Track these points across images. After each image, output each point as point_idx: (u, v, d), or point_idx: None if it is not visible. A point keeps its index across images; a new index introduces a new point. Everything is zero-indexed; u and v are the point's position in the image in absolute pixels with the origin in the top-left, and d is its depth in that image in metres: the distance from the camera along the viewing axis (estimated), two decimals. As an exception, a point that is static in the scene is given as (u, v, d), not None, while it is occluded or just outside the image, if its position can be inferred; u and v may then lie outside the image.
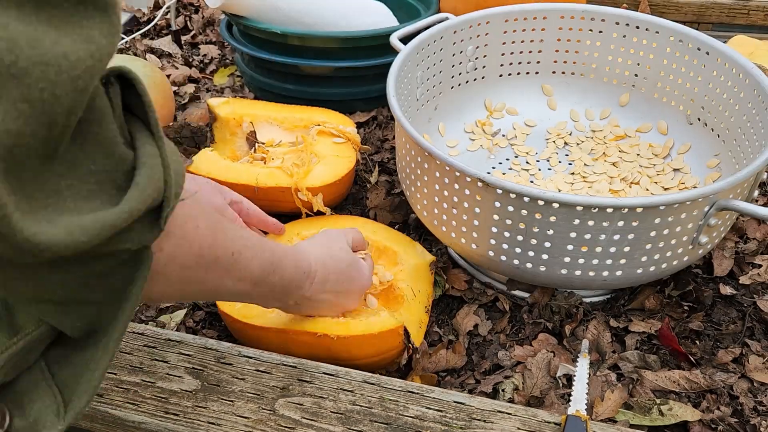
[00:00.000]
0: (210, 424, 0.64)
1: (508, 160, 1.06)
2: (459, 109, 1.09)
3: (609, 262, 0.76)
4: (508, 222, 0.75)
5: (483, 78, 1.09)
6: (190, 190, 0.50)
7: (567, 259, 0.76)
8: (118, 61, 1.18)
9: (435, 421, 0.64)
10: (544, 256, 0.77)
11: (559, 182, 1.00)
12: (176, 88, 1.33)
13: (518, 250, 0.78)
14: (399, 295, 0.83)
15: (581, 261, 0.76)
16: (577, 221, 0.72)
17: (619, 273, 0.77)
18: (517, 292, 0.89)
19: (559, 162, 1.05)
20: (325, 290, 0.71)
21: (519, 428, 0.63)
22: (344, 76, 1.20)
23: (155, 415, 0.65)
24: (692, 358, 0.79)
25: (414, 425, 0.64)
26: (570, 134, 1.09)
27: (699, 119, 1.01)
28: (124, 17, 1.56)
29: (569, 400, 0.69)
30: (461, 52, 1.04)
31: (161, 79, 1.18)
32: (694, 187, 0.97)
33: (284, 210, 0.96)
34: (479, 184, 0.73)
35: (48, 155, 0.37)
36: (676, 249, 0.77)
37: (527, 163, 1.05)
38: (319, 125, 1.03)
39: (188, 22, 1.57)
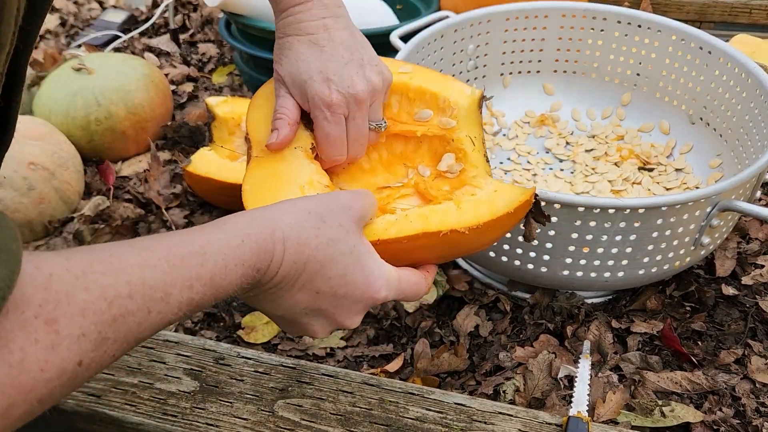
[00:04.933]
0: (208, 426, 0.63)
1: (509, 159, 1.05)
2: (459, 108, 1.08)
3: (611, 262, 0.76)
4: (510, 222, 0.75)
5: (484, 77, 1.08)
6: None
7: (568, 260, 0.76)
8: (116, 60, 1.17)
9: (435, 423, 0.63)
10: (546, 257, 0.76)
11: (561, 182, 1.00)
12: (174, 87, 1.32)
13: (519, 250, 0.77)
14: (458, 149, 0.64)
15: (583, 262, 0.76)
16: (578, 222, 0.72)
17: (620, 274, 0.77)
18: (519, 293, 0.88)
19: (561, 162, 1.05)
20: (300, 287, 0.51)
21: (520, 430, 0.63)
22: (344, 74, 1.19)
23: (153, 416, 0.64)
24: (694, 359, 0.79)
25: (414, 427, 0.63)
26: (571, 134, 1.09)
27: (701, 119, 1.01)
28: (122, 15, 1.56)
29: (570, 402, 0.68)
30: (462, 50, 1.04)
31: (159, 78, 1.17)
32: (696, 188, 0.97)
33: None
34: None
35: None
36: (678, 250, 0.76)
37: (528, 162, 1.05)
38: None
39: (187, 21, 1.57)
